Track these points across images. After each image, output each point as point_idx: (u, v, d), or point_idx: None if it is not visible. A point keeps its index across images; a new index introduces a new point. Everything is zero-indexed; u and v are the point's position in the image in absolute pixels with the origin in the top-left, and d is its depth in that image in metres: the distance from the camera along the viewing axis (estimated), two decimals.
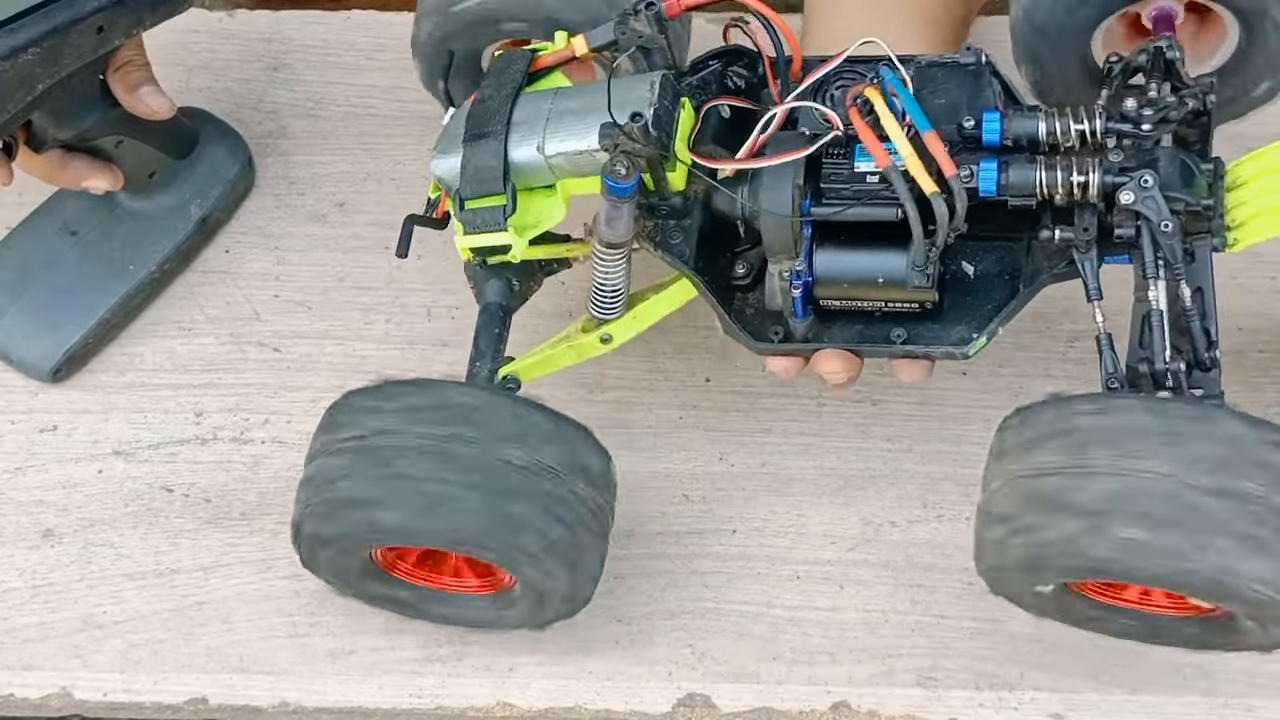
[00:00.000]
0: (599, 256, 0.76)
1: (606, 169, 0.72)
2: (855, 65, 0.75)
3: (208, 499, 0.86)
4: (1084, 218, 0.73)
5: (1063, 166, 0.72)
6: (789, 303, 0.75)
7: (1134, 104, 0.72)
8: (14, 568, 0.85)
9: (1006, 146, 0.73)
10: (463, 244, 0.76)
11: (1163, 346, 0.70)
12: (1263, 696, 0.78)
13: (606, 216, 0.74)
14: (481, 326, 0.79)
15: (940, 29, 0.89)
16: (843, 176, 0.74)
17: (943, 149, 0.71)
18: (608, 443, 0.75)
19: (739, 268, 0.78)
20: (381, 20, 1.01)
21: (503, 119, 0.75)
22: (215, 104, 0.97)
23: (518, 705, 0.80)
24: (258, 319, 0.92)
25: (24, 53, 0.77)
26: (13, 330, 0.90)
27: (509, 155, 0.74)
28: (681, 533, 0.84)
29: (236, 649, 0.82)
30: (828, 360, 0.77)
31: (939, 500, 0.84)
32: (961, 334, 0.76)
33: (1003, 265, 0.76)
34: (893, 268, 0.74)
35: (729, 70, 0.79)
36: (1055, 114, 0.73)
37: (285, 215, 0.95)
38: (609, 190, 0.72)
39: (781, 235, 0.74)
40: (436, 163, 0.76)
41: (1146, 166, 0.72)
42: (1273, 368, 0.87)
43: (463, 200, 0.75)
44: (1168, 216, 0.71)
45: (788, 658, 0.81)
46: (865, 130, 0.72)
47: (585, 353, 0.80)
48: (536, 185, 0.76)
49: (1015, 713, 0.79)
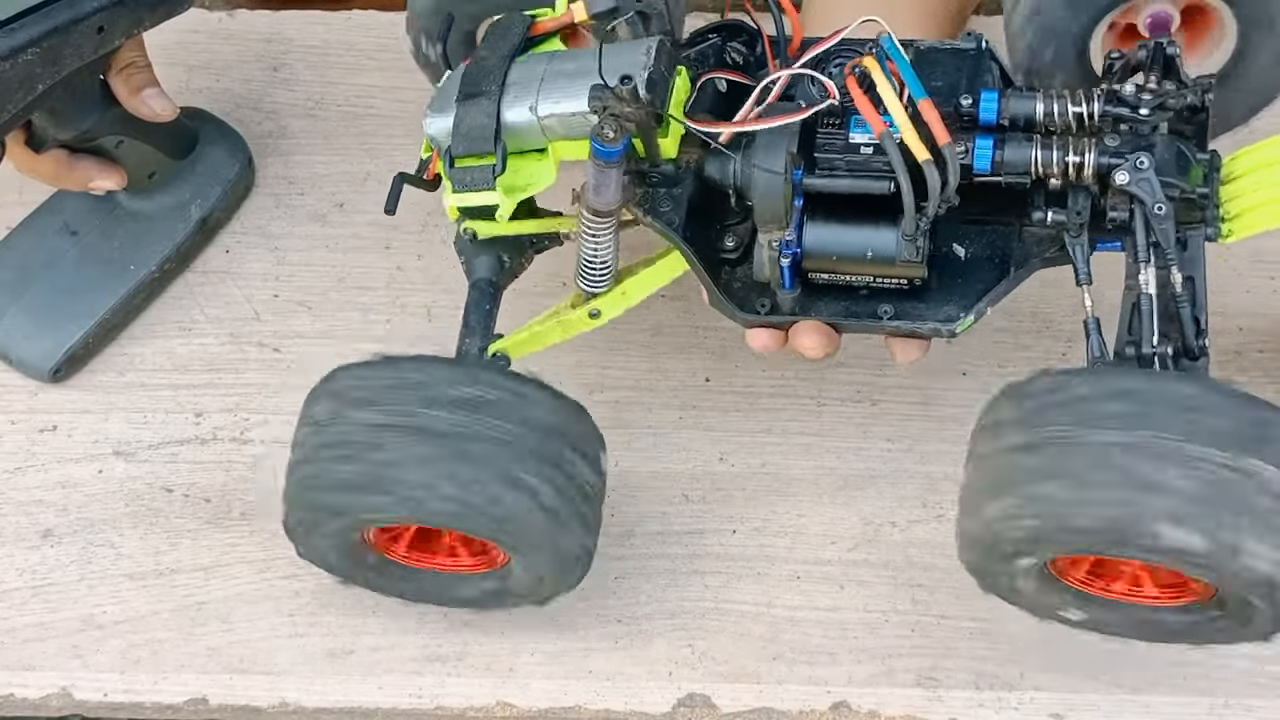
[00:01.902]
0: (587, 225, 0.75)
1: (594, 131, 0.71)
2: (853, 45, 0.75)
3: (208, 499, 0.86)
4: (1077, 200, 0.73)
5: (1059, 146, 0.72)
6: (776, 273, 0.75)
7: (1132, 89, 0.72)
8: (14, 568, 0.85)
9: (1003, 126, 0.73)
10: (450, 202, 0.75)
11: (1151, 330, 0.70)
12: (1263, 696, 0.78)
13: (594, 182, 0.73)
14: (471, 303, 0.78)
15: (937, 21, 0.89)
16: (837, 147, 0.73)
17: (938, 117, 0.70)
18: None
19: (728, 240, 0.77)
20: (381, 20, 1.01)
21: (497, 79, 0.75)
22: (215, 104, 0.97)
23: (518, 705, 0.80)
24: (258, 319, 0.92)
25: (24, 53, 0.77)
26: (13, 330, 0.90)
27: (502, 115, 0.74)
28: (681, 533, 0.84)
29: (236, 649, 0.82)
30: (807, 334, 0.77)
31: (939, 500, 0.84)
32: (949, 313, 0.75)
33: (993, 249, 0.76)
34: (883, 243, 0.74)
35: (728, 45, 0.78)
36: (1054, 95, 0.73)
37: (285, 215, 0.95)
38: (596, 154, 0.72)
39: (773, 203, 0.73)
40: (429, 121, 0.76)
41: (1144, 151, 0.71)
42: (1273, 368, 0.87)
43: (453, 158, 0.74)
44: (1161, 199, 0.71)
45: (788, 658, 0.81)
46: (861, 98, 0.71)
47: (573, 328, 0.80)
48: (528, 148, 0.75)
49: (1015, 713, 0.79)
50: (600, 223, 0.75)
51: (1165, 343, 0.70)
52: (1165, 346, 0.70)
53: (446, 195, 0.75)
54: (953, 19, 0.91)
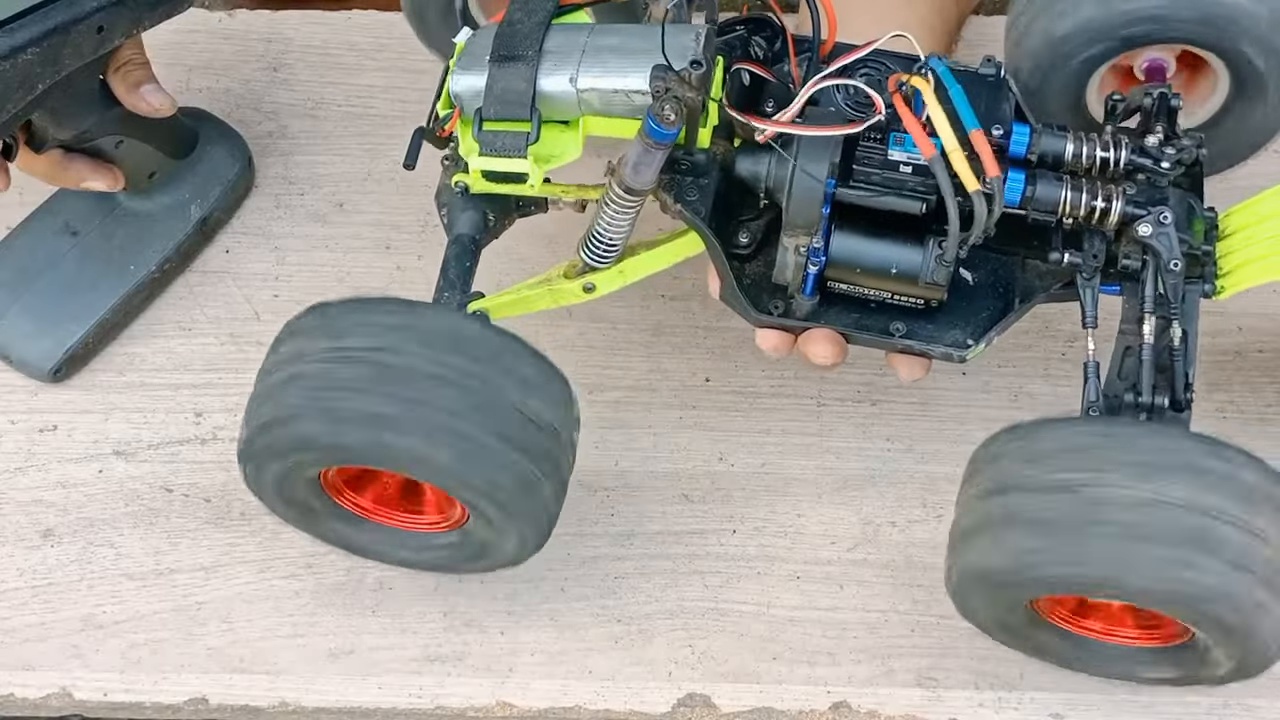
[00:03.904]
0: (614, 201, 0.74)
1: (654, 111, 0.70)
2: (884, 57, 0.75)
3: (208, 499, 0.86)
4: (1093, 243, 0.74)
5: (1087, 189, 0.73)
6: (799, 278, 0.75)
7: (1156, 141, 0.74)
8: (14, 568, 0.85)
9: (1029, 160, 0.74)
10: (477, 165, 0.74)
11: (1151, 381, 0.72)
12: (1263, 696, 0.78)
13: (636, 160, 0.72)
14: (453, 257, 0.77)
15: (941, 12, 0.90)
16: (875, 162, 0.73)
17: (989, 150, 0.71)
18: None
19: (741, 236, 0.77)
20: (381, 20, 1.01)
21: (534, 45, 0.73)
22: (215, 104, 0.97)
23: (518, 705, 0.80)
24: (258, 319, 0.92)
25: (24, 53, 0.77)
26: (13, 330, 0.89)
27: (537, 83, 0.73)
28: (681, 533, 0.84)
29: (236, 649, 0.82)
30: (819, 342, 0.77)
31: (939, 500, 0.84)
32: (956, 337, 0.76)
33: (996, 277, 0.77)
34: (908, 260, 0.74)
35: (752, 38, 0.78)
36: (1083, 138, 0.74)
37: (285, 215, 0.95)
38: (650, 133, 0.71)
39: (809, 209, 0.73)
40: (456, 78, 0.74)
41: (1157, 203, 0.73)
42: (1273, 368, 0.87)
43: (482, 120, 0.73)
44: (1178, 256, 0.73)
45: (788, 658, 0.81)
46: (911, 119, 0.71)
47: (563, 299, 0.79)
48: (557, 118, 0.74)
49: (1015, 713, 0.79)
50: (629, 200, 0.74)
51: (1161, 394, 0.72)
52: (1162, 398, 0.72)
53: (473, 157, 0.74)
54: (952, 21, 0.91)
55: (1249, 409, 0.87)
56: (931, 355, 0.77)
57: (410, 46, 0.91)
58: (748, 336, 0.88)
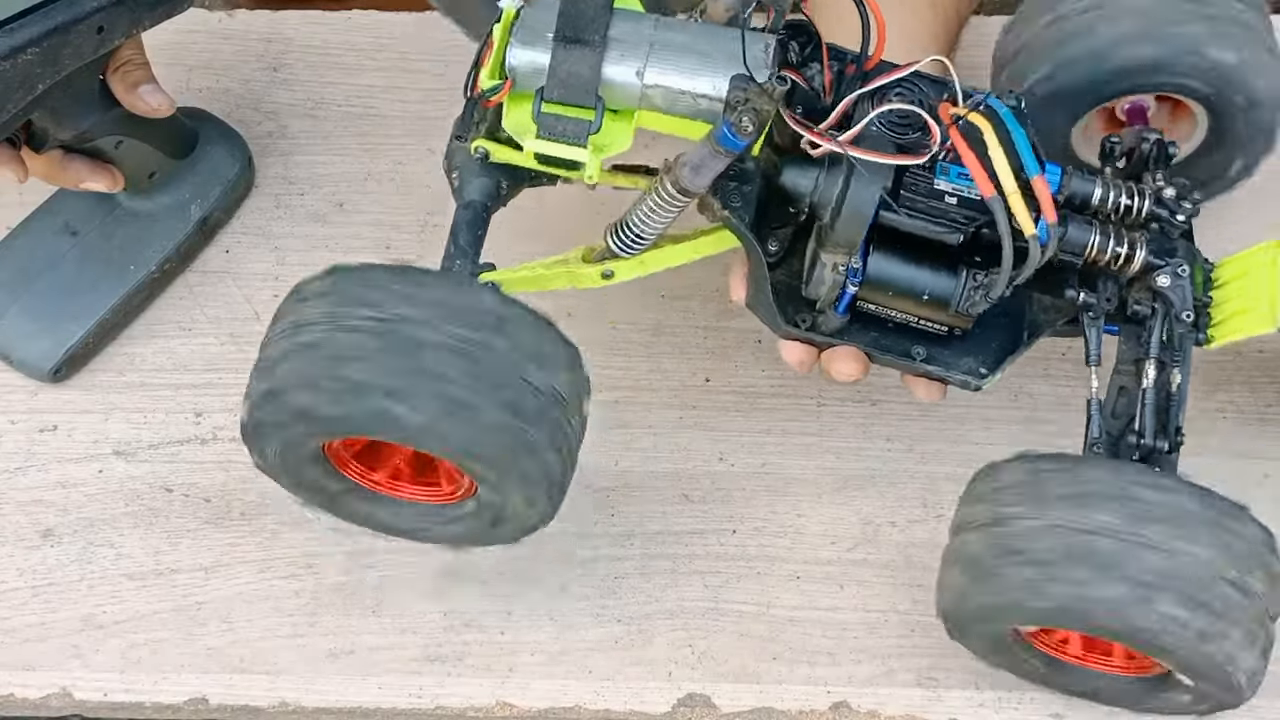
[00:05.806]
0: (663, 197, 0.74)
1: (731, 120, 0.69)
2: (920, 79, 0.75)
3: (208, 499, 0.86)
4: (1107, 286, 0.76)
5: (1114, 235, 0.74)
6: (833, 295, 0.75)
7: (1173, 192, 0.75)
8: (14, 568, 0.85)
9: (1057, 201, 0.74)
10: (533, 147, 0.73)
11: (1154, 425, 0.73)
12: (1263, 696, 0.77)
13: (697, 163, 0.71)
14: (464, 222, 0.76)
15: (945, 20, 0.90)
16: (922, 190, 0.74)
17: (1049, 196, 0.71)
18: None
19: (770, 245, 0.77)
20: (381, 20, 1.01)
21: (600, 31, 0.72)
22: (215, 104, 0.97)
23: (518, 705, 0.80)
24: (258, 319, 0.92)
25: (24, 53, 0.77)
26: (13, 330, 0.89)
27: (602, 70, 0.72)
28: (681, 533, 0.84)
29: (236, 649, 0.82)
30: (845, 360, 0.77)
31: (939, 500, 0.84)
32: (969, 365, 0.77)
33: (1006, 307, 0.77)
34: (941, 288, 0.74)
35: (789, 44, 0.77)
36: (1109, 184, 0.75)
37: (285, 215, 0.95)
38: (722, 141, 0.70)
39: (855, 229, 0.73)
40: (515, 51, 0.73)
41: (1168, 253, 0.74)
42: (1273, 367, 0.88)
43: (542, 100, 0.73)
44: (1190, 308, 0.74)
45: (788, 658, 0.81)
46: (971, 158, 0.71)
47: (580, 281, 0.79)
48: (613, 107, 0.74)
49: (1015, 713, 0.79)
50: (678, 200, 0.74)
51: (1161, 437, 0.73)
52: (1162, 441, 0.73)
53: (529, 139, 0.73)
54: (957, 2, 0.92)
55: (1249, 409, 0.87)
56: (950, 381, 0.77)
57: (410, 46, 0.91)
58: (748, 336, 0.89)
